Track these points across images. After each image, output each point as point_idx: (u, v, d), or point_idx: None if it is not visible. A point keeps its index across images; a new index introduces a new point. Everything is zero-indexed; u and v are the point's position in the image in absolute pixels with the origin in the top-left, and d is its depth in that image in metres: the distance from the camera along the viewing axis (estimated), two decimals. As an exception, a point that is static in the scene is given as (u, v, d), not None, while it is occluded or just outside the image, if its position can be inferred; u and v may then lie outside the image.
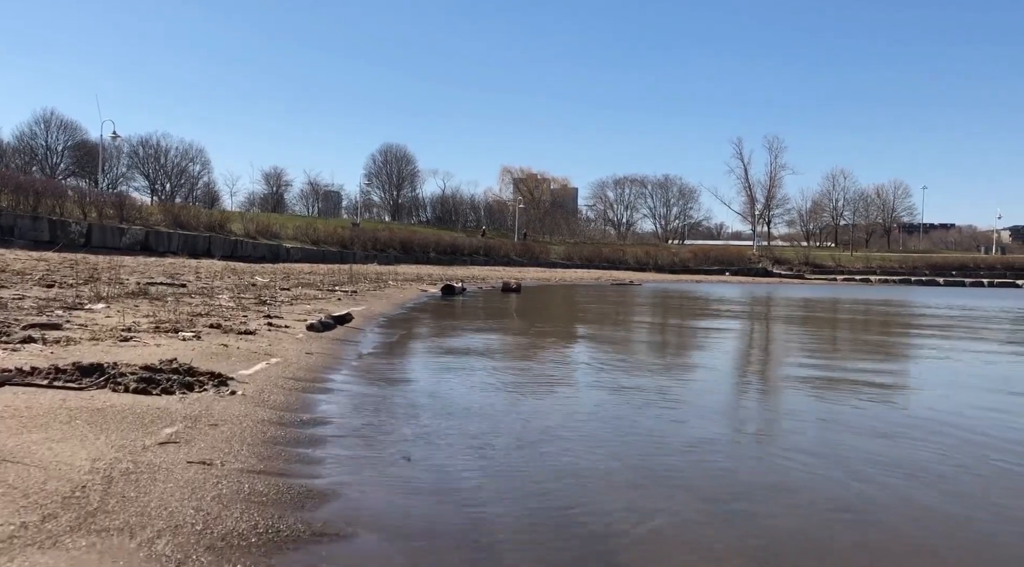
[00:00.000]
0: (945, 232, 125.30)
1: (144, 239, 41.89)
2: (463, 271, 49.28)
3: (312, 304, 11.83)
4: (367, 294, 17.11)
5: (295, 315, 9.55)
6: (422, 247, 67.27)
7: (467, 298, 22.24)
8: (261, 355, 5.85)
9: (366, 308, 12.64)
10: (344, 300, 13.91)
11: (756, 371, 8.20)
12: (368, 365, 6.53)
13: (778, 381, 7.21)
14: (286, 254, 51.20)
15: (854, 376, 7.41)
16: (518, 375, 6.76)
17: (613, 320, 16.10)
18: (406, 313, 13.95)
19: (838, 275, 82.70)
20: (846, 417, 5.20)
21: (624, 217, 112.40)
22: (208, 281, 16.53)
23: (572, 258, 78.62)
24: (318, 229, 60.55)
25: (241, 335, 6.77)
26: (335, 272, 27.79)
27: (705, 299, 29.16)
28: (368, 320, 10.71)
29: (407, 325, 11.33)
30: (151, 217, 46.78)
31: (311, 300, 12.78)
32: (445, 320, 13.54)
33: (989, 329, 15.23)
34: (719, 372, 7.78)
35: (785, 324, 16.32)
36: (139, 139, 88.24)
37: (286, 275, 23.33)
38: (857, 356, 9.71)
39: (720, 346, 10.97)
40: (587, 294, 30.36)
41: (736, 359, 9.37)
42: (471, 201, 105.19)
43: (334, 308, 11.29)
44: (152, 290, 11.63)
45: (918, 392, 6.62)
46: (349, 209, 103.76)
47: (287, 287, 16.07)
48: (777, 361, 9.16)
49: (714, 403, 5.72)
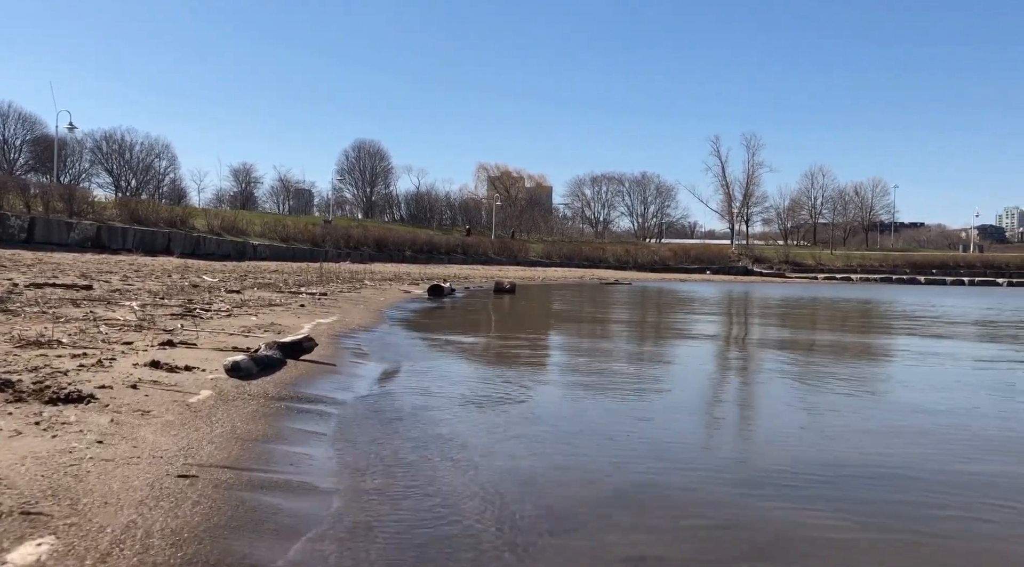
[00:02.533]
0: (915, 231, 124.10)
1: (95, 235, 37.67)
2: (441, 270, 45.79)
3: (261, 315, 8.27)
4: (340, 297, 13.56)
5: (224, 335, 6.04)
6: (397, 245, 63.53)
7: (457, 300, 18.78)
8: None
9: (338, 319, 9.10)
10: (310, 307, 10.35)
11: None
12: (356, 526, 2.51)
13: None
14: (253, 252, 47.19)
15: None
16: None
17: (671, 330, 12.72)
18: (395, 326, 10.25)
19: (819, 274, 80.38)
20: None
21: (601, 215, 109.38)
22: (140, 282, 12.86)
23: (551, 256, 75.43)
24: (288, 226, 56.51)
25: (53, 407, 3.12)
26: (304, 271, 24.06)
27: (711, 300, 25.93)
28: (341, 340, 7.14)
29: (404, 353, 7.10)
30: (105, 211, 42.56)
31: (263, 308, 9.22)
32: (456, 336, 9.46)
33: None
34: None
35: (839, 334, 13.06)
36: (102, 134, 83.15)
37: (245, 274, 19.63)
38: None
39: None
40: (587, 295, 26.96)
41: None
42: (447, 199, 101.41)
43: (291, 321, 7.77)
44: (28, 295, 7.99)
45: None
46: (321, 207, 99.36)
47: (237, 289, 12.46)
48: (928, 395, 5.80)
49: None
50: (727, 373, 7.43)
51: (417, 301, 16.72)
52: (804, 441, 4.06)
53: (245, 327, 6.77)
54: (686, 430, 4.32)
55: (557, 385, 5.89)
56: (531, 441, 3.73)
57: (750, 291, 38.90)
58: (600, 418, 4.49)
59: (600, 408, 4.88)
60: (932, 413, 4.97)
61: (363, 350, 6.65)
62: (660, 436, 4.05)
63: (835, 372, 7.08)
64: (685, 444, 3.92)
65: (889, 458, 3.68)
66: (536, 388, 5.47)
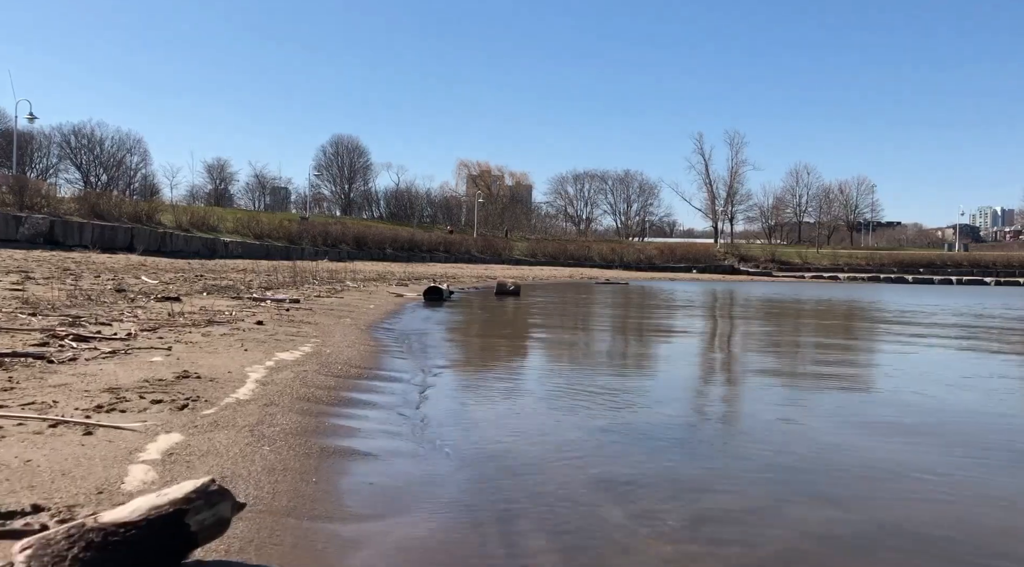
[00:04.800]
0: (893, 230, 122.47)
1: (49, 230, 33.67)
2: (424, 268, 42.24)
3: (180, 347, 4.73)
4: (317, 305, 10.04)
5: (35, 427, 2.57)
6: (378, 243, 59.82)
7: (460, 304, 15.30)
8: None
9: (313, 350, 5.56)
10: (271, 325, 6.82)
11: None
12: None
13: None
14: (224, 249, 43.30)
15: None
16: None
17: (761, 340, 9.31)
18: (412, 359, 6.08)
19: (806, 272, 77.92)
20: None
21: (584, 213, 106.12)
22: (41, 286, 9.20)
23: (536, 255, 72.22)
24: (262, 222, 52.48)
25: None
26: (276, 270, 20.35)
27: (737, 303, 22.63)
28: (319, 431, 3.48)
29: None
30: (62, 205, 38.39)
31: (194, 330, 5.69)
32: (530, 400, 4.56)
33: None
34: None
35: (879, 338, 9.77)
36: (71, 127, 78.32)
37: (202, 274, 15.96)
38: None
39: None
40: (600, 297, 23.52)
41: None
42: (427, 196, 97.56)
43: (226, 362, 4.25)
44: None
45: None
46: (298, 204, 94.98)
47: (176, 296, 8.86)
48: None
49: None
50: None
51: (415, 307, 13.20)
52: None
53: (114, 389, 3.27)
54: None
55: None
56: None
57: (751, 291, 35.84)
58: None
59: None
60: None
61: (381, 479, 2.71)
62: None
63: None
64: None
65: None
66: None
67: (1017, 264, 79.82)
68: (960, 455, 3.42)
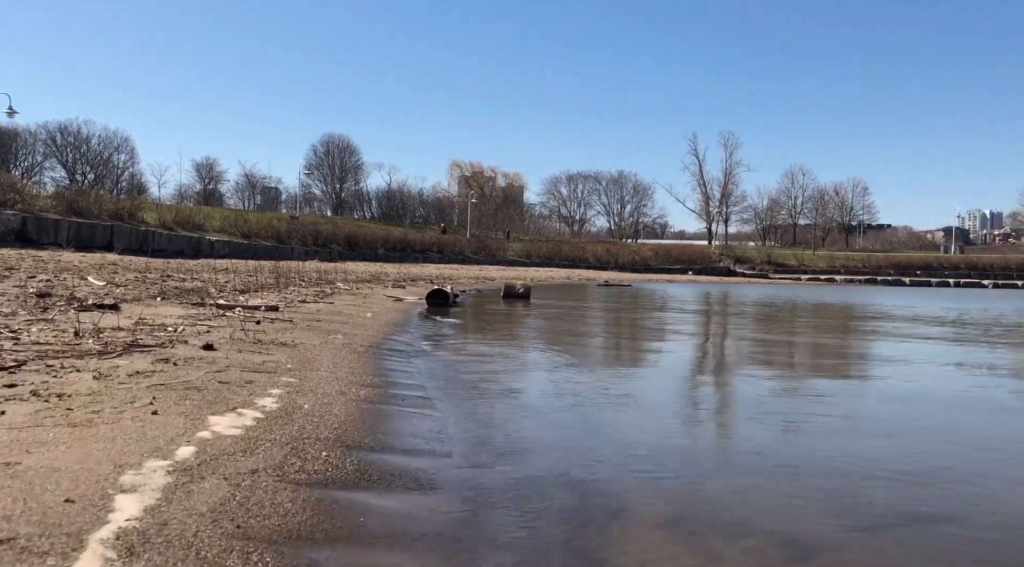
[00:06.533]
0: (884, 232, 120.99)
1: (21, 227, 31.13)
2: (418, 269, 40.05)
3: (49, 413, 2.57)
4: (300, 314, 7.84)
5: None
6: (370, 243, 57.46)
7: (471, 312, 13.14)
8: None
9: (281, 401, 3.32)
10: (227, 351, 4.62)
11: None
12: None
13: None
14: (210, 248, 40.85)
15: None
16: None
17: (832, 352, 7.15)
18: (450, 418, 3.85)
19: (802, 274, 76.03)
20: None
21: (578, 214, 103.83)
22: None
23: (531, 256, 69.95)
24: (250, 221, 50.01)
25: None
26: (258, 270, 18.04)
27: (764, 305, 20.52)
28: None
29: None
30: (37, 201, 35.87)
31: (88, 361, 3.51)
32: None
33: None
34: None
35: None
36: (57, 125, 75.33)
37: (169, 275, 13.66)
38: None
39: None
40: (615, 301, 21.35)
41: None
42: (419, 196, 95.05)
43: (87, 450, 2.06)
44: None
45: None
46: (288, 204, 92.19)
47: (112, 303, 6.63)
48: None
49: None
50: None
51: (421, 315, 10.99)
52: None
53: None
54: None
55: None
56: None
57: (752, 292, 33.83)
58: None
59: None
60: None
61: None
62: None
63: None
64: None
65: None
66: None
67: (1014, 266, 78.25)
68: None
